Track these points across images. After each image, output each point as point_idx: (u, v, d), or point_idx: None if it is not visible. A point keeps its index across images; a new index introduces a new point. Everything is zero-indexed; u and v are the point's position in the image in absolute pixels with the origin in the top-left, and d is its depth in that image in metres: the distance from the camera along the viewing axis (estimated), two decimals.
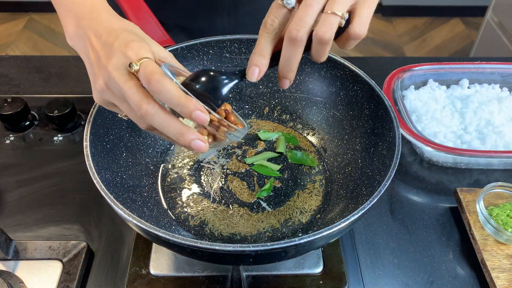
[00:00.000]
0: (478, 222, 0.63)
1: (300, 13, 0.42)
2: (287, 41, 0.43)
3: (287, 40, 0.43)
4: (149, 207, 0.58)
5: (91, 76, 0.46)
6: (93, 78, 0.45)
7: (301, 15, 0.41)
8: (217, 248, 0.42)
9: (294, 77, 0.46)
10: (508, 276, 0.57)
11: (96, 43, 0.44)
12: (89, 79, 0.46)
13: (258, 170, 0.65)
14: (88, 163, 0.50)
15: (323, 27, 0.41)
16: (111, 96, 0.44)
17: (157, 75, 0.40)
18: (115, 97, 0.43)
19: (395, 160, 0.52)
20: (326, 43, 0.42)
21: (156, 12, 0.79)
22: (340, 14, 0.41)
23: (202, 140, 0.41)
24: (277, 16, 0.43)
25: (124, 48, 0.42)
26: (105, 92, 0.44)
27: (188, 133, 0.41)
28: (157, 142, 0.66)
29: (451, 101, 0.80)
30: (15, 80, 0.87)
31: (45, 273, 0.57)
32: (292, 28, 0.42)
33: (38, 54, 2.38)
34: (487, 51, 1.94)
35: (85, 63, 0.47)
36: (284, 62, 0.45)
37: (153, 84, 0.40)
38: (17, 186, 0.68)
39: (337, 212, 0.58)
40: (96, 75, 0.44)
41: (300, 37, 0.42)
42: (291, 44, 0.43)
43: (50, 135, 0.76)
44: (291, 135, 0.70)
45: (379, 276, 0.60)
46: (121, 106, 0.44)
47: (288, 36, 0.42)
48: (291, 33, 0.42)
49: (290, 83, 0.47)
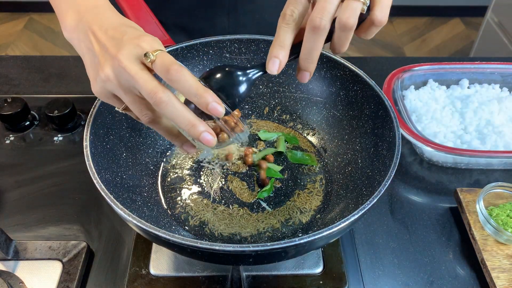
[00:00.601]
0: (478, 222, 0.63)
1: (322, 2, 0.41)
2: (310, 30, 0.42)
3: (310, 29, 0.42)
4: (149, 207, 0.58)
5: (93, 68, 0.45)
6: (95, 69, 0.44)
7: (323, 4, 0.41)
8: (217, 248, 0.42)
9: (314, 70, 0.45)
10: (508, 276, 0.57)
11: (102, 36, 0.44)
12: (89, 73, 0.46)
13: None
14: (88, 163, 0.50)
15: (346, 12, 0.41)
16: (115, 87, 0.43)
17: (176, 65, 0.40)
18: (121, 87, 0.43)
19: (395, 160, 0.52)
20: (350, 29, 0.42)
21: (156, 12, 0.79)
22: (362, 0, 0.41)
23: (211, 134, 0.41)
24: (296, 6, 0.43)
25: (137, 41, 0.42)
26: (109, 82, 0.43)
27: (199, 125, 0.41)
28: (157, 142, 0.66)
29: (451, 101, 0.80)
30: (15, 80, 0.87)
31: (45, 273, 0.57)
32: (315, 16, 0.41)
33: (38, 54, 2.38)
34: (487, 51, 1.93)
35: (83, 56, 0.46)
36: (306, 53, 0.44)
37: (173, 73, 0.40)
38: (17, 186, 0.68)
39: (337, 212, 0.58)
40: (101, 64, 0.43)
41: (324, 25, 0.41)
42: (314, 32, 0.42)
43: (50, 135, 0.76)
44: (291, 135, 0.70)
45: (379, 276, 0.60)
46: (125, 97, 0.43)
47: (311, 25, 0.41)
48: (315, 21, 0.41)
49: (310, 76, 0.46)
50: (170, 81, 0.40)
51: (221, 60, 0.68)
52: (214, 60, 0.68)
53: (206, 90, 0.40)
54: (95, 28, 0.45)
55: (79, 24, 0.46)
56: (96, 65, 0.44)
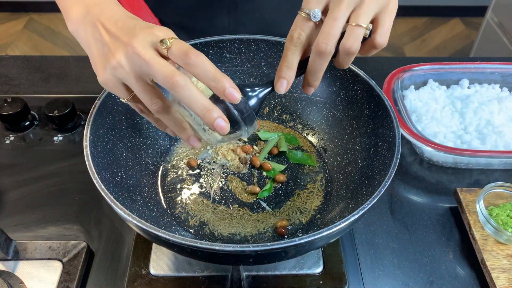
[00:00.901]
0: (478, 222, 0.63)
1: (328, 28, 0.43)
2: (316, 54, 0.45)
3: (316, 53, 0.44)
4: (149, 207, 0.57)
5: (101, 56, 0.44)
6: (104, 57, 0.44)
7: (328, 30, 0.43)
8: (217, 248, 0.42)
9: (318, 85, 0.49)
10: (508, 276, 0.57)
11: (111, 27, 0.44)
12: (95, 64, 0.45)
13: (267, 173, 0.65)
14: (88, 163, 0.50)
15: (349, 39, 0.44)
16: (126, 74, 0.42)
17: (194, 50, 0.40)
18: (132, 74, 0.42)
19: (395, 160, 0.52)
20: (353, 54, 0.45)
21: (155, 11, 0.79)
22: (365, 26, 0.44)
23: (225, 120, 0.41)
24: (303, 29, 0.45)
25: (150, 29, 0.42)
26: (120, 68, 0.42)
27: (214, 110, 0.41)
28: (157, 142, 0.66)
29: (451, 101, 0.80)
30: (15, 80, 0.87)
31: (45, 273, 0.57)
32: (321, 42, 0.44)
33: (38, 54, 2.38)
34: (487, 51, 1.93)
35: (89, 47, 0.46)
36: (312, 73, 0.47)
37: (192, 57, 0.40)
38: (17, 186, 0.68)
39: (337, 212, 0.58)
40: (112, 52, 0.43)
41: (329, 50, 0.44)
42: (320, 57, 0.45)
43: (50, 135, 0.76)
44: (292, 135, 0.70)
45: (379, 276, 0.60)
46: (135, 84, 0.43)
47: (317, 50, 0.44)
48: (321, 47, 0.44)
49: (315, 89, 0.49)
50: (188, 65, 0.40)
51: (221, 60, 0.68)
52: (214, 60, 0.68)
53: (223, 75, 0.40)
54: (104, 19, 0.45)
55: (86, 17, 0.46)
56: (105, 53, 0.44)
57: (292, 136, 0.70)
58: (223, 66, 0.68)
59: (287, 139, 0.69)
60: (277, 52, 0.67)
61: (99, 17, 0.45)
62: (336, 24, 0.43)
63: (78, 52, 2.40)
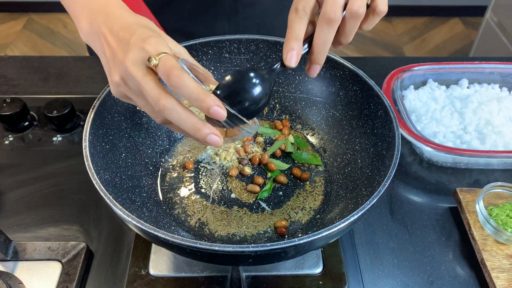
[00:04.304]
0: (477, 222, 0.63)
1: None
2: (324, 22, 0.44)
3: (324, 21, 0.44)
4: (148, 207, 0.57)
5: (107, 71, 0.47)
6: (109, 73, 0.46)
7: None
8: (217, 249, 0.42)
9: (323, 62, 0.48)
10: (508, 276, 0.57)
11: (111, 40, 0.45)
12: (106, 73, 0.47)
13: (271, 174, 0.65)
14: (87, 164, 0.50)
15: (356, 2, 0.44)
16: (128, 90, 0.45)
17: (177, 70, 0.40)
18: (132, 91, 0.44)
19: (395, 160, 0.51)
20: (360, 17, 0.45)
21: (156, 16, 0.79)
22: None
23: (216, 135, 0.42)
24: (307, 2, 0.45)
25: (142, 44, 0.43)
26: (121, 86, 0.45)
27: (204, 128, 0.42)
28: (157, 142, 0.66)
29: (451, 101, 0.79)
30: (14, 80, 0.86)
31: (44, 274, 0.57)
32: (329, 10, 0.44)
33: (37, 54, 2.38)
34: (487, 51, 1.94)
35: (100, 59, 0.48)
36: (320, 45, 0.46)
37: (173, 79, 0.40)
38: (16, 187, 0.68)
39: (336, 212, 0.58)
40: (112, 70, 0.45)
41: (338, 17, 0.44)
42: (328, 25, 0.44)
43: (49, 136, 0.76)
44: (300, 139, 0.70)
45: (378, 276, 0.60)
46: (137, 100, 0.45)
47: (326, 18, 0.44)
48: (329, 14, 0.44)
49: (320, 68, 0.48)
50: (172, 87, 0.41)
51: (221, 60, 0.68)
52: (214, 61, 0.68)
53: (207, 94, 0.40)
54: (105, 31, 0.46)
55: (91, 28, 0.48)
56: (109, 69, 0.46)
57: (301, 140, 0.70)
58: (223, 67, 0.68)
59: (296, 142, 0.69)
60: (276, 52, 0.67)
61: (101, 27, 0.47)
62: None
63: (77, 52, 2.40)
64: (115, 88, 0.46)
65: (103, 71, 0.48)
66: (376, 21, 0.48)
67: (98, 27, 0.47)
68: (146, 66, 0.42)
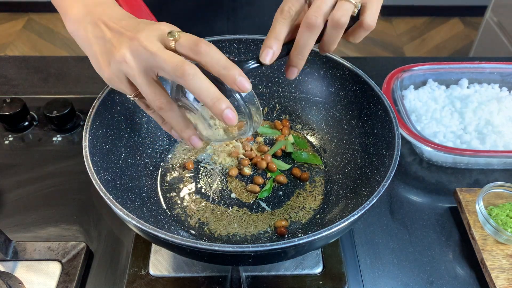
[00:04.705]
0: (477, 222, 0.63)
1: (318, 2, 0.44)
2: (305, 27, 0.44)
3: (305, 26, 0.44)
4: (148, 207, 0.57)
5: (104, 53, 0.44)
6: (108, 53, 0.44)
7: (319, 4, 0.44)
8: (217, 249, 0.42)
9: (302, 67, 0.48)
10: (508, 276, 0.57)
11: (114, 25, 0.44)
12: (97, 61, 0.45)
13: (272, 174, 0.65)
14: (87, 164, 0.50)
15: (339, 11, 0.44)
16: (131, 68, 0.42)
17: (205, 40, 0.40)
18: (137, 68, 0.42)
19: (395, 160, 0.51)
20: (342, 27, 0.45)
21: (155, 16, 0.79)
22: (354, 2, 0.44)
23: (233, 111, 0.41)
24: (294, 4, 0.45)
25: (155, 25, 0.42)
26: (125, 63, 0.42)
27: (224, 100, 0.41)
28: (156, 142, 0.66)
29: (451, 101, 0.79)
30: (14, 80, 0.87)
31: (44, 274, 0.57)
32: (311, 14, 0.44)
33: (37, 54, 2.38)
34: (487, 51, 1.93)
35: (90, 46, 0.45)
36: (298, 49, 0.46)
37: (202, 46, 0.40)
38: (16, 187, 0.68)
39: (336, 212, 0.58)
40: (116, 47, 0.43)
41: (319, 23, 0.44)
42: (308, 29, 0.44)
43: (49, 136, 0.76)
44: (300, 139, 0.70)
45: (378, 276, 0.60)
46: (140, 79, 0.42)
47: (307, 22, 0.44)
48: (310, 19, 0.44)
49: (298, 72, 0.48)
50: (199, 54, 0.40)
51: None
52: None
53: (234, 65, 0.40)
54: (105, 18, 0.45)
55: (86, 16, 0.46)
56: (109, 49, 0.44)
57: (301, 140, 0.70)
58: None
59: (296, 142, 0.69)
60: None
61: (100, 16, 0.45)
62: None
63: (77, 52, 2.40)
64: (116, 67, 0.43)
65: None
66: (363, 35, 0.48)
67: (96, 16, 0.45)
68: (160, 42, 0.41)
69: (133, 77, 0.43)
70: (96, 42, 0.45)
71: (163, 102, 0.43)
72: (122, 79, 0.44)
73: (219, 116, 0.41)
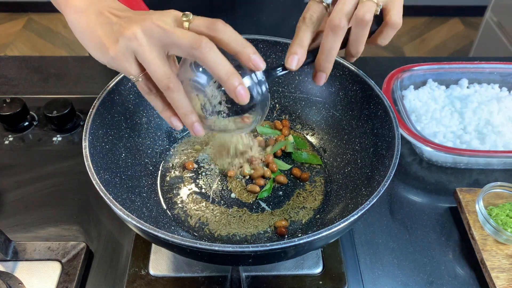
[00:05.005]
0: (477, 222, 0.63)
1: (340, 5, 0.45)
2: (329, 29, 0.45)
3: (329, 28, 0.45)
4: (148, 207, 0.57)
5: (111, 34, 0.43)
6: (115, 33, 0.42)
7: (341, 6, 0.45)
8: (216, 249, 0.42)
9: (330, 72, 0.49)
10: (508, 276, 0.57)
11: (122, 13, 0.44)
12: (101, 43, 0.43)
13: None
14: (87, 164, 0.50)
15: (362, 9, 0.44)
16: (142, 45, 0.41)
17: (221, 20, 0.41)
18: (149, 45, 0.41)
19: (395, 160, 0.51)
20: (366, 25, 0.45)
21: None
22: (376, 1, 0.45)
23: (246, 89, 0.41)
24: (315, 11, 0.46)
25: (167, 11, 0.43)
26: (135, 40, 0.41)
27: (238, 76, 0.41)
28: (156, 142, 0.66)
29: (451, 101, 0.79)
30: (14, 80, 0.86)
31: (44, 274, 0.57)
32: (335, 17, 0.44)
33: (37, 54, 2.38)
34: (486, 51, 1.94)
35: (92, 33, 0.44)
36: (325, 53, 0.47)
37: (219, 25, 0.41)
38: (16, 187, 0.68)
39: (336, 212, 0.58)
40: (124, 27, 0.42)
41: (343, 24, 0.44)
42: (333, 32, 0.45)
43: (49, 136, 0.76)
44: (300, 139, 0.70)
45: (378, 276, 0.60)
46: (150, 55, 0.41)
47: (331, 25, 0.45)
48: (334, 21, 0.44)
49: (326, 78, 0.49)
50: (216, 31, 0.41)
51: None
52: None
53: (249, 44, 0.42)
54: (111, 9, 0.44)
55: (90, 7, 0.45)
56: (117, 29, 0.42)
57: (301, 140, 0.70)
58: None
59: (296, 142, 0.69)
60: (276, 52, 0.67)
61: (105, 6, 0.45)
62: (348, 1, 0.45)
63: (77, 52, 2.40)
64: (125, 44, 0.41)
65: (103, 71, 0.47)
66: (391, 35, 0.48)
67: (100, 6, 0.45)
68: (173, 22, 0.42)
69: (142, 55, 0.42)
70: (101, 27, 0.44)
71: (172, 81, 0.42)
72: (129, 58, 0.43)
73: (232, 92, 0.41)
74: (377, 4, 0.45)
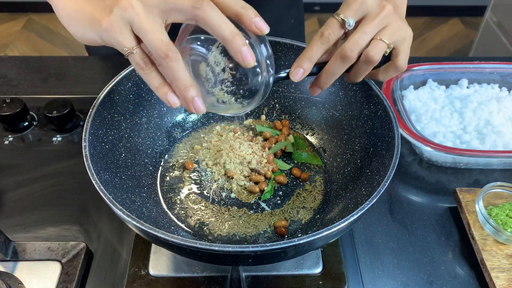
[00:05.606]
0: (477, 222, 0.63)
1: (356, 37, 0.47)
2: (339, 57, 0.48)
3: (340, 56, 0.48)
4: (148, 207, 0.57)
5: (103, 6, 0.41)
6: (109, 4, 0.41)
7: (357, 39, 0.47)
8: (216, 249, 0.42)
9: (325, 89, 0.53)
10: (508, 276, 0.57)
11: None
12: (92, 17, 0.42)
13: None
14: (87, 164, 0.50)
15: (374, 49, 0.47)
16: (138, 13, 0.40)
17: None
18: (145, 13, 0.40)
19: (395, 160, 0.51)
20: (373, 64, 0.48)
21: None
22: (388, 43, 0.48)
23: (251, 50, 0.41)
24: (334, 33, 0.48)
25: None
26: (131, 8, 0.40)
27: (241, 37, 0.41)
28: (156, 142, 0.66)
29: (450, 101, 0.79)
30: (14, 80, 0.87)
31: (44, 274, 0.57)
32: (348, 47, 0.47)
33: (37, 54, 2.38)
34: (486, 51, 1.94)
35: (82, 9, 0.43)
36: (328, 74, 0.50)
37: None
38: (16, 187, 0.68)
39: (336, 212, 0.58)
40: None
41: (353, 57, 0.48)
42: (342, 60, 0.48)
43: (49, 136, 0.76)
44: (300, 139, 0.70)
45: (378, 276, 0.60)
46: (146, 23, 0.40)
47: (342, 54, 0.47)
48: (346, 51, 0.47)
49: (321, 92, 0.53)
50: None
51: None
52: None
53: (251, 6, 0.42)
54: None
55: None
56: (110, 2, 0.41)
57: (301, 141, 0.70)
58: None
59: (296, 142, 0.69)
60: (275, 52, 0.67)
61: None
62: (365, 36, 0.47)
63: (77, 52, 2.40)
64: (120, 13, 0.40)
65: (103, 71, 0.47)
66: (393, 75, 0.52)
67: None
68: None
69: (139, 23, 0.40)
70: (90, 4, 0.42)
71: (170, 50, 0.40)
72: (124, 28, 0.41)
73: (238, 52, 0.40)
74: (388, 46, 0.48)
